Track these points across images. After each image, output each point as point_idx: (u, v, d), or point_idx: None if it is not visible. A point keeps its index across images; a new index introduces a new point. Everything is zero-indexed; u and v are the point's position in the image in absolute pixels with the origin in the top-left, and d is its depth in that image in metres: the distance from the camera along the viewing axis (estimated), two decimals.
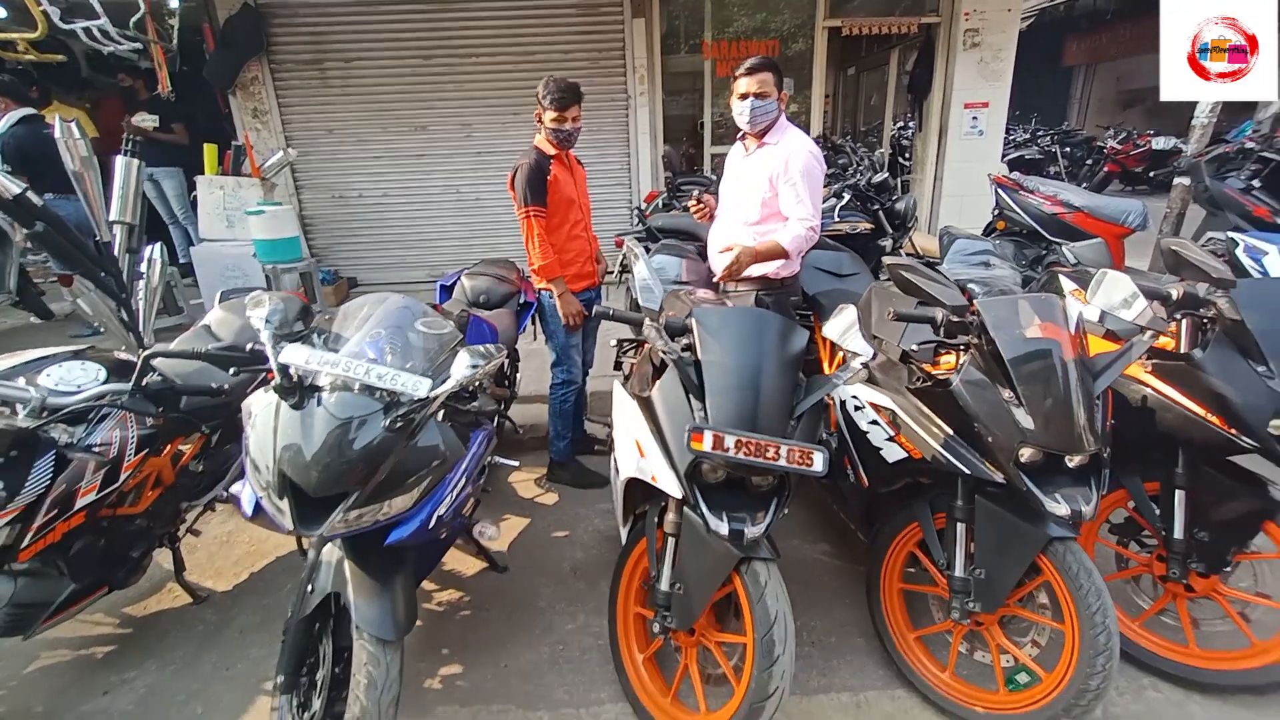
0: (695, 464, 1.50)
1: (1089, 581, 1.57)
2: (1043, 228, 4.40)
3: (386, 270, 6.31)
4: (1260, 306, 1.67)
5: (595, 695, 1.94)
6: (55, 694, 1.99)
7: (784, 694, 1.50)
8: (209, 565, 2.57)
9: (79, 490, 1.70)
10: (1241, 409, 1.64)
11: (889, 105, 7.60)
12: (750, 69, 2.33)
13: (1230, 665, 1.81)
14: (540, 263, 2.66)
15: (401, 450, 1.44)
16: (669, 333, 1.64)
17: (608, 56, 5.82)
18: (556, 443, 3.04)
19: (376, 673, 1.41)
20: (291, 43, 5.67)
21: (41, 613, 1.83)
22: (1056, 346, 1.58)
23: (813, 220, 2.39)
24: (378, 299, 1.66)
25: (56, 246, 3.34)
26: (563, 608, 2.31)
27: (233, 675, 2.04)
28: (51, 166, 3.55)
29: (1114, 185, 11.01)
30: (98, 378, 1.83)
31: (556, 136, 2.62)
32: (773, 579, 1.56)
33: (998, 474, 1.58)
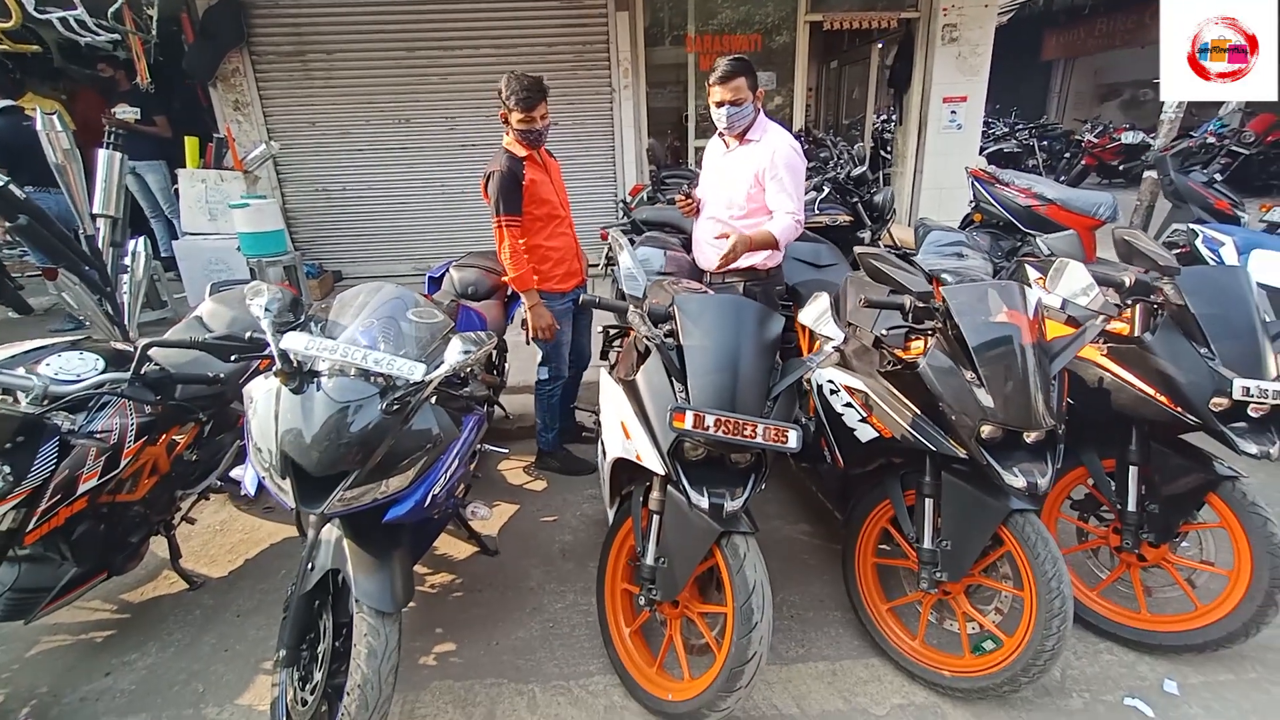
0: (677, 442, 1.59)
1: (1045, 551, 1.68)
2: (1017, 220, 4.53)
3: (371, 263, 6.32)
4: (1202, 293, 1.79)
5: (585, 668, 2.03)
6: (58, 676, 2.04)
7: (762, 658, 1.60)
8: (203, 552, 2.62)
9: (81, 476, 1.75)
10: (1185, 388, 1.76)
11: (870, 99, 7.72)
12: (722, 77, 2.37)
13: (1176, 627, 1.94)
14: (514, 274, 2.59)
15: (397, 432, 1.51)
16: (652, 320, 1.73)
17: (591, 49, 5.85)
18: (544, 434, 3.10)
19: (376, 643, 1.49)
20: (272, 34, 5.63)
21: (43, 597, 1.87)
22: (1016, 331, 1.68)
23: (798, 213, 2.49)
24: (373, 288, 1.72)
25: (40, 240, 3.35)
26: (553, 588, 2.39)
27: (232, 655, 2.10)
28: (31, 159, 3.53)
29: (1091, 178, 11.26)
30: (96, 367, 1.88)
31: (526, 138, 2.54)
32: (751, 551, 1.65)
33: (961, 450, 1.69)
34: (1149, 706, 1.83)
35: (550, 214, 2.71)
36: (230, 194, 5.25)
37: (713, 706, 1.65)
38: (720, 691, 1.63)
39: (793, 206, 2.45)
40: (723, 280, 2.67)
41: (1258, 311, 1.79)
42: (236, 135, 5.63)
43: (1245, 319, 1.78)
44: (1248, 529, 1.81)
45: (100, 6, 4.70)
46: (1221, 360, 1.75)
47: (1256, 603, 1.79)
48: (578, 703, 1.91)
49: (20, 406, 1.66)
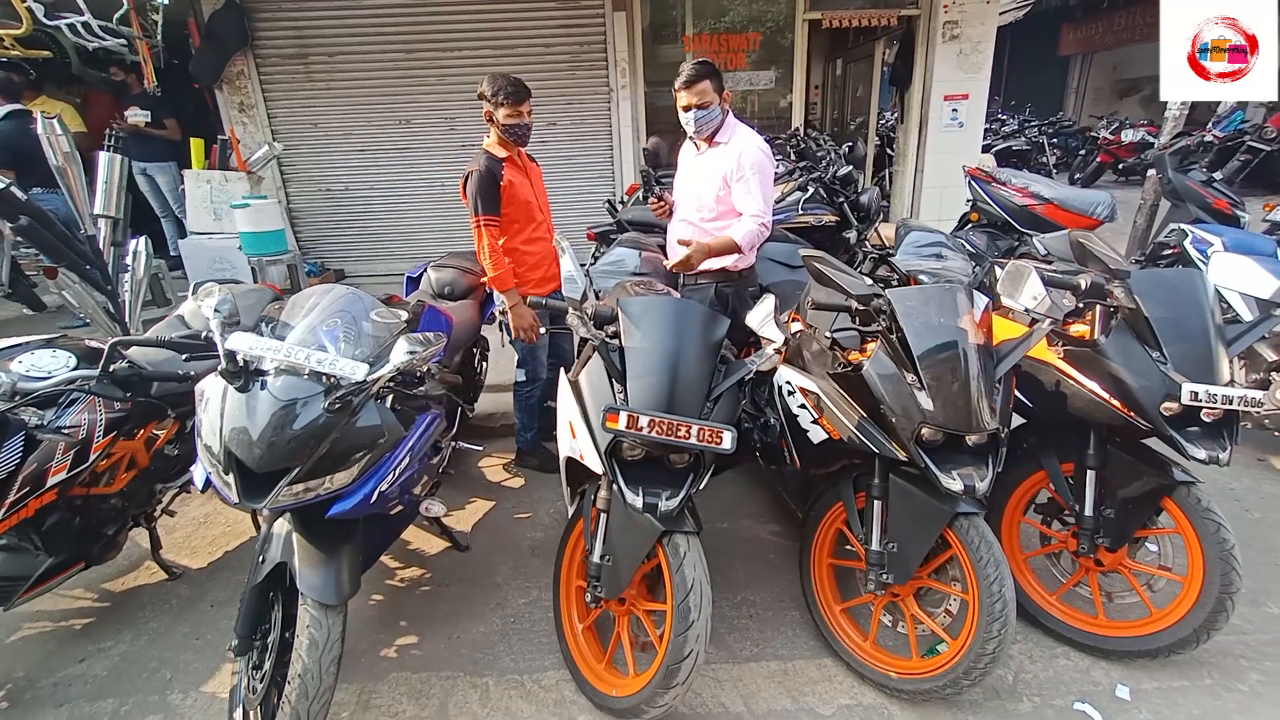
0: (616, 443, 1.61)
1: (989, 554, 1.68)
2: (1013, 219, 4.48)
3: (373, 262, 6.42)
4: (1156, 296, 1.78)
5: (540, 663, 2.06)
6: (36, 661, 2.12)
7: (698, 656, 1.62)
8: (185, 544, 2.70)
9: (50, 469, 1.82)
10: (1136, 392, 1.75)
11: (874, 97, 7.65)
12: (687, 82, 2.39)
13: (1130, 633, 1.93)
14: (493, 273, 2.59)
15: (342, 430, 1.55)
16: (599, 321, 1.75)
17: (589, 49, 5.88)
18: (523, 434, 3.13)
19: (318, 634, 1.53)
20: (275, 37, 5.75)
21: (20, 586, 1.95)
22: (960, 334, 1.68)
23: (764, 216, 2.50)
24: (324, 289, 1.77)
25: (41, 240, 3.46)
26: (518, 584, 2.43)
27: (203, 645, 2.17)
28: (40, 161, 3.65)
29: (1106, 176, 11.04)
30: (68, 364, 1.95)
31: (512, 134, 2.56)
32: (692, 551, 1.67)
33: (902, 453, 1.69)
34: (1098, 711, 1.82)
35: (528, 216, 2.72)
36: (234, 194, 5.37)
37: (651, 703, 1.67)
38: (658, 689, 1.65)
39: (758, 209, 2.47)
40: (695, 282, 2.69)
41: (1212, 315, 1.77)
42: (242, 137, 5.76)
43: (1199, 323, 1.76)
44: (1201, 535, 1.79)
45: (107, 11, 4.83)
46: (1173, 364, 1.73)
47: (1207, 609, 1.77)
48: (529, 697, 1.94)
49: None
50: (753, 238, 2.50)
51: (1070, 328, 2.05)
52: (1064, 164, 11.69)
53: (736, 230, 2.48)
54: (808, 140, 4.80)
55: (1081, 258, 1.97)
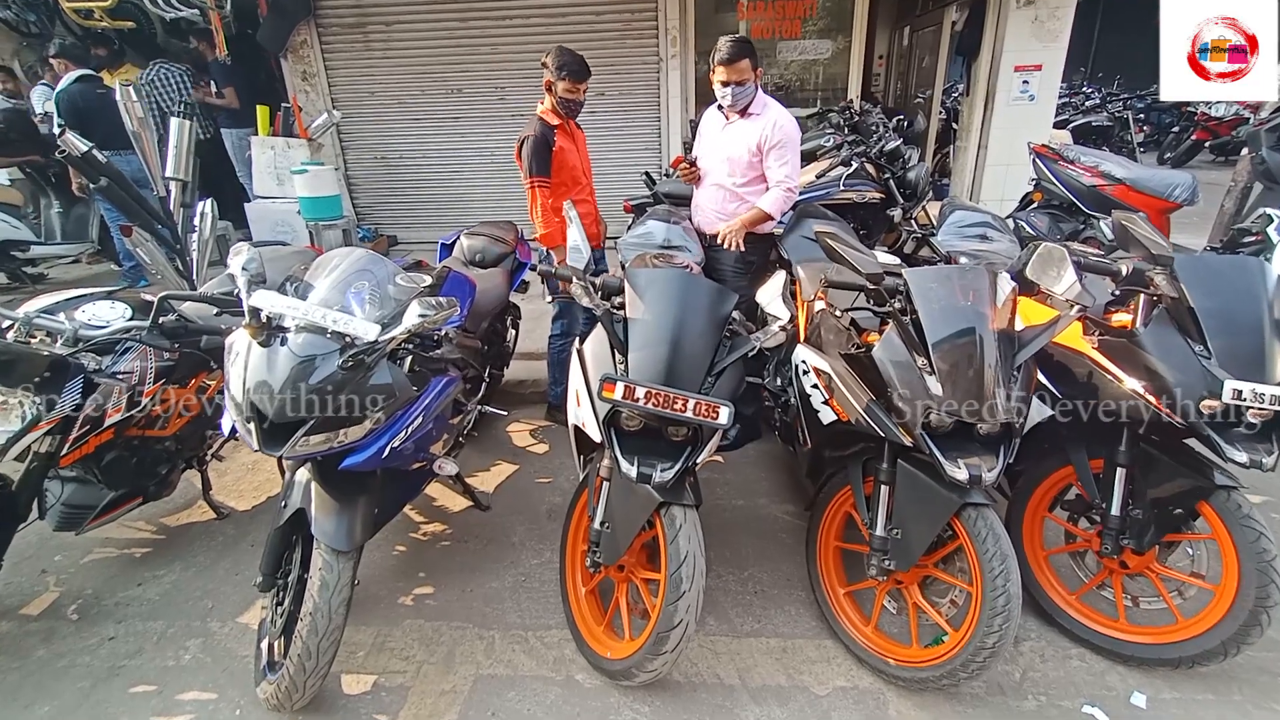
0: (615, 412, 1.64)
1: (995, 546, 1.62)
2: (1080, 200, 4.18)
3: (424, 229, 6.59)
4: (1204, 285, 1.64)
5: (544, 621, 2.14)
6: (102, 581, 2.36)
7: (688, 626, 1.65)
8: (234, 488, 2.91)
9: (108, 410, 2.00)
10: (1174, 388, 1.63)
11: (940, 68, 7.21)
12: (725, 60, 2.51)
13: (1152, 639, 1.83)
14: (543, 231, 2.82)
15: (354, 386, 1.63)
16: (606, 292, 1.76)
17: (639, 19, 5.78)
18: (554, 388, 3.27)
19: (329, 577, 1.64)
20: (336, 5, 5.90)
21: (87, 514, 2.17)
22: (978, 318, 1.61)
23: (791, 181, 2.64)
24: (345, 252, 1.84)
25: (118, 200, 3.72)
26: (533, 545, 2.52)
27: (241, 580, 2.35)
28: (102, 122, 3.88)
29: (1202, 156, 10.12)
30: (124, 315, 2.12)
31: (566, 107, 2.79)
32: (688, 523, 1.69)
33: (908, 438, 1.64)
34: (1107, 716, 1.75)
35: (573, 180, 2.93)
36: (295, 160, 5.61)
37: (641, 667, 1.72)
38: (648, 654, 1.69)
39: (787, 175, 2.61)
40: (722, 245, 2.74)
41: (1269, 309, 1.62)
42: (304, 105, 5.98)
43: (1252, 315, 1.62)
44: (1238, 543, 1.67)
45: None
46: (1217, 359, 1.60)
47: (1239, 621, 1.66)
48: (531, 652, 2.03)
49: (55, 347, 1.91)
50: (781, 203, 2.67)
51: (1112, 317, 1.92)
52: (1154, 142, 10.79)
53: (766, 200, 2.66)
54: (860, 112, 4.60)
55: (1124, 241, 1.83)
